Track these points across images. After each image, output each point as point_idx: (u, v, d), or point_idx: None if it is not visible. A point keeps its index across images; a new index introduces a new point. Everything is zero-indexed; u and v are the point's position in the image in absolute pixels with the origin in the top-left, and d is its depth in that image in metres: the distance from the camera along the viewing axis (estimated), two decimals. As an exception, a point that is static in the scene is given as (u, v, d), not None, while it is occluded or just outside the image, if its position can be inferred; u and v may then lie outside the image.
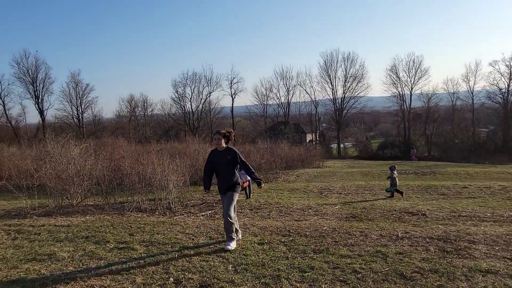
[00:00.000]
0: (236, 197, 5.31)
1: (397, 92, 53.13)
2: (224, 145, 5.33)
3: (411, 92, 52.58)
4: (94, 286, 3.79)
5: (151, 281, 3.86)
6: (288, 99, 57.00)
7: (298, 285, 3.69)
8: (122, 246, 5.28)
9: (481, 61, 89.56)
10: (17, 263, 4.64)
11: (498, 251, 4.72)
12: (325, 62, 54.42)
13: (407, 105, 53.17)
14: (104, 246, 5.31)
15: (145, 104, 58.66)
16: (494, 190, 11.60)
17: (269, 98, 57.44)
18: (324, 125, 68.00)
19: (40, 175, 9.77)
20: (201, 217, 7.92)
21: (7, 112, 47.80)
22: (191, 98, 55.83)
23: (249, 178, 10.14)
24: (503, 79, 50.15)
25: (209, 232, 6.01)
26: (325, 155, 33.52)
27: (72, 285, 3.85)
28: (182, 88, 56.02)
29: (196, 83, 55.82)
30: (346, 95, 53.84)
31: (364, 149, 52.68)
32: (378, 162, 32.53)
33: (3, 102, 46.82)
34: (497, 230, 5.88)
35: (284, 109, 57.69)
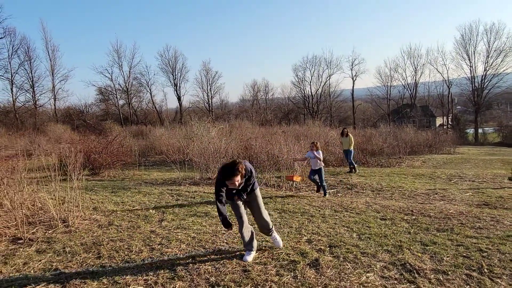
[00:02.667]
0: (260, 196, 4.23)
1: (559, 66, 44.21)
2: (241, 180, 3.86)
3: None
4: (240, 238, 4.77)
5: (288, 239, 4.67)
6: (415, 79, 52.86)
7: (420, 255, 4.02)
8: (259, 211, 6.28)
9: None
10: (184, 217, 6.01)
11: None
12: (462, 36, 48.45)
13: None
14: (245, 210, 6.39)
15: (267, 89, 61.63)
16: None
17: (393, 79, 54.20)
18: (458, 107, 61.00)
19: (188, 152, 11.76)
20: (327, 195, 8.54)
21: (153, 98, 55.96)
22: (310, 82, 56.42)
23: (318, 166, 7.90)
24: None
25: (333, 206, 6.60)
26: (458, 141, 30.48)
27: (226, 236, 4.92)
28: (302, 72, 57.03)
29: (316, 66, 56.14)
30: (488, 73, 47.08)
31: (509, 135, 45.60)
32: (526, 150, 28.17)
33: (150, 90, 54.85)
34: None
35: (410, 90, 53.70)
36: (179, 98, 56.36)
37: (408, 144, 19.80)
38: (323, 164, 8.04)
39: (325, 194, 8.05)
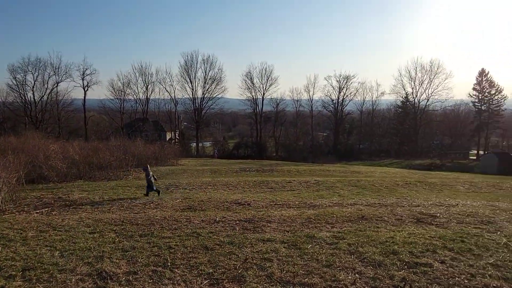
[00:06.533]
0: None
1: (251, 96, 58.06)
2: None
3: (263, 97, 58.18)
4: None
5: (-31, 271, 4.03)
6: (147, 95, 56.02)
7: (118, 261, 4.42)
8: None
9: (319, 75, 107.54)
10: None
11: (283, 226, 6.35)
12: (185, 62, 55.58)
13: (260, 109, 58.53)
14: None
15: (-29, 89, 49.32)
16: (309, 184, 14.31)
17: (126, 93, 55.34)
18: (185, 123, 68.78)
19: None
20: (35, 214, 7.80)
21: None
22: (33, 87, 49.48)
23: None
24: (334, 92, 60.51)
25: (40, 226, 6.16)
26: (183, 154, 34.34)
27: None
28: (22, 74, 49.12)
29: (40, 71, 49.84)
30: (205, 96, 55.94)
31: (221, 148, 55.62)
32: (230, 160, 35.11)
33: None
34: (291, 213, 7.70)
35: (142, 105, 56.32)
36: None
37: (137, 157, 20.68)
38: None
39: None
